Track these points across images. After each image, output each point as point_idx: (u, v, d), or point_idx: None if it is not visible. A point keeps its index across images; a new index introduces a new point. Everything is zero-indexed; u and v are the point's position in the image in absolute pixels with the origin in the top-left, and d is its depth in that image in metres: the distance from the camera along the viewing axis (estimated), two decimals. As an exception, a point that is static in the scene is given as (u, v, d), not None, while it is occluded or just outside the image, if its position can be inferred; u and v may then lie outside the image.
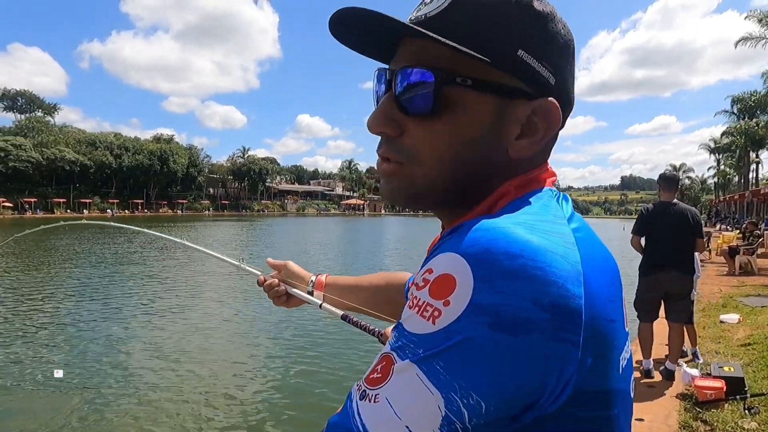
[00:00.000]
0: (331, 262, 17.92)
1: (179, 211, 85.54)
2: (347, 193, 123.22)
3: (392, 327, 0.69)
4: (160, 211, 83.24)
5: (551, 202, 0.54)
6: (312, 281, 1.19)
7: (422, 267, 0.49)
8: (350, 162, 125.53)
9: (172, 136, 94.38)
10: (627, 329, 0.52)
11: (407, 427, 0.42)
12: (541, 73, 0.54)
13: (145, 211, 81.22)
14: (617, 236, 24.24)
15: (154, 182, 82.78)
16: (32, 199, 68.22)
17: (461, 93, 0.52)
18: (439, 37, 0.49)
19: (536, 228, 0.46)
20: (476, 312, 0.42)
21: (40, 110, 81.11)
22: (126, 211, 78.09)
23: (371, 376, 0.47)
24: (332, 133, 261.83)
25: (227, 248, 21.29)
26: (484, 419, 0.42)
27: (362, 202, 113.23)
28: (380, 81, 0.59)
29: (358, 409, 0.46)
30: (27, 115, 77.97)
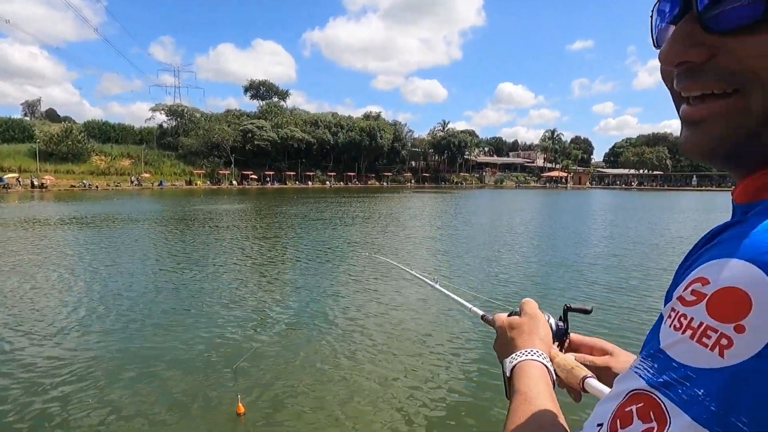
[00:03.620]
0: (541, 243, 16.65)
1: (384, 183, 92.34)
2: (548, 165, 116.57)
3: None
4: (369, 183, 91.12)
5: None
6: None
7: (686, 271, 0.39)
8: (553, 132, 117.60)
9: (379, 113, 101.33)
10: None
11: None
12: None
13: (356, 182, 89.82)
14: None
15: (364, 156, 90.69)
16: (271, 172, 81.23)
17: None
18: None
19: None
20: None
21: (276, 96, 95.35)
22: (341, 182, 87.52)
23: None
24: (535, 101, 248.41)
25: (425, 215, 22.21)
26: None
27: (565, 174, 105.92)
28: (664, 11, 0.48)
29: None
30: (266, 101, 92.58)
